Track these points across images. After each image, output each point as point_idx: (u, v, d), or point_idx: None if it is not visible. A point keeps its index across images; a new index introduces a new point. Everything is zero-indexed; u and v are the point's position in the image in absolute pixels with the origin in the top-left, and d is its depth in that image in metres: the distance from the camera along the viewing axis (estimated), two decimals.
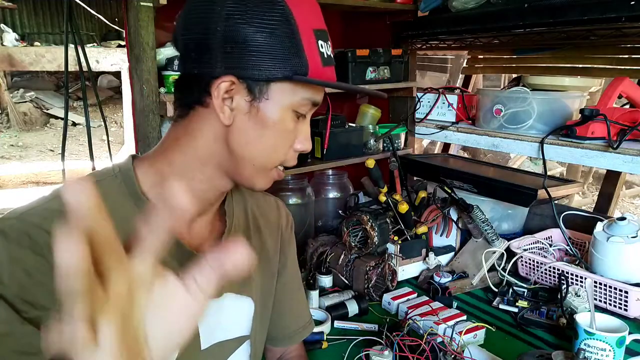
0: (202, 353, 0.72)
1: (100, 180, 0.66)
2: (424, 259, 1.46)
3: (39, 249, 0.56)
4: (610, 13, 1.25)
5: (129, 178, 0.67)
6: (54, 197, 0.61)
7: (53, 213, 0.59)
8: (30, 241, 0.56)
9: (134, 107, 1.34)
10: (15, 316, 0.54)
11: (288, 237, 0.90)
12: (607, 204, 1.83)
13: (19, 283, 0.55)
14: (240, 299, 0.78)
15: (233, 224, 0.78)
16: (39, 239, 0.57)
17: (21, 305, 0.54)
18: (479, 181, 1.60)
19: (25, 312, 0.54)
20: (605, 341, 0.93)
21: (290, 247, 0.91)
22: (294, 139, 0.69)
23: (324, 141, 1.68)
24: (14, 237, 0.56)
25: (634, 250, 1.24)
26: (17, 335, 0.54)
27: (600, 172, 4.60)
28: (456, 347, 1.04)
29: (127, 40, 1.32)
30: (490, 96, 1.74)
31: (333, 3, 1.62)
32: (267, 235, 0.85)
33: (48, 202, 0.61)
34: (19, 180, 5.63)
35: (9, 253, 0.56)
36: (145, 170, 0.69)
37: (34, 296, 0.55)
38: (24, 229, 0.57)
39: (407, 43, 1.92)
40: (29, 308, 0.55)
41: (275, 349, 0.93)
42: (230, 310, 0.76)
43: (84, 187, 0.30)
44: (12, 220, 0.58)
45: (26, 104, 8.08)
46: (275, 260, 0.87)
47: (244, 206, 0.83)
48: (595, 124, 1.41)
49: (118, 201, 0.66)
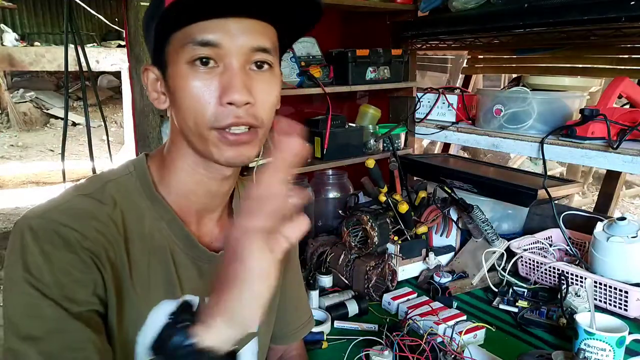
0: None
1: (116, 179, 0.67)
2: (424, 259, 1.46)
3: (69, 246, 0.57)
4: (609, 13, 1.25)
5: (144, 176, 0.69)
6: (75, 195, 0.63)
7: (77, 211, 0.61)
8: (60, 240, 0.57)
9: (134, 107, 1.34)
10: (64, 313, 0.55)
11: None
12: (607, 204, 1.83)
13: (57, 280, 0.56)
14: None
15: None
16: (70, 237, 0.58)
17: (65, 302, 0.56)
18: (479, 181, 1.60)
19: (70, 308, 0.56)
20: (605, 341, 0.93)
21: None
22: (213, 93, 0.61)
23: (324, 141, 1.68)
24: (45, 237, 0.57)
25: (634, 250, 1.24)
26: (66, 331, 0.55)
27: (600, 172, 4.60)
28: (456, 347, 1.04)
29: (127, 40, 1.32)
30: (490, 96, 1.74)
31: (333, 3, 1.62)
32: None
33: (70, 200, 0.63)
34: (19, 180, 5.63)
35: (43, 252, 0.56)
36: (157, 166, 0.70)
37: (74, 293, 0.57)
38: (52, 227, 0.58)
39: (407, 43, 1.92)
40: (72, 304, 0.56)
41: (277, 347, 0.93)
42: None
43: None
44: (39, 220, 0.58)
45: (26, 104, 8.08)
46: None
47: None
48: (595, 124, 1.41)
49: (134, 199, 0.67)
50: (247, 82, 0.61)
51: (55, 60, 5.31)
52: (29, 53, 5.29)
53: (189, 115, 0.62)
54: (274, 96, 0.65)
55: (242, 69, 0.61)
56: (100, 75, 8.51)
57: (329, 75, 1.68)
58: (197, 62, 0.60)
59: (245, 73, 0.61)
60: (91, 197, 0.63)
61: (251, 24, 0.61)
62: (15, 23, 7.41)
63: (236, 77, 0.60)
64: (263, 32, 0.63)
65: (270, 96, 0.65)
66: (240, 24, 0.60)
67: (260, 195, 0.47)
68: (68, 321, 0.55)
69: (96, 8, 6.29)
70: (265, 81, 0.63)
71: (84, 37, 6.09)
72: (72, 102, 8.14)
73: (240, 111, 0.61)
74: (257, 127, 0.63)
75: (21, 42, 6.03)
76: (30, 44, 6.19)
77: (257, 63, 0.63)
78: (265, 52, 0.62)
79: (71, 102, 8.09)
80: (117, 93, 8.14)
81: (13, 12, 7.13)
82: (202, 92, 0.60)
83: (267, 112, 0.64)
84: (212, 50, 0.60)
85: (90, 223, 0.60)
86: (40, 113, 8.18)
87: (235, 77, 0.60)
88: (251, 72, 0.62)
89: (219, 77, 0.61)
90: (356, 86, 1.75)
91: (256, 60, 0.62)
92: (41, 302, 0.55)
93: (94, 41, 6.68)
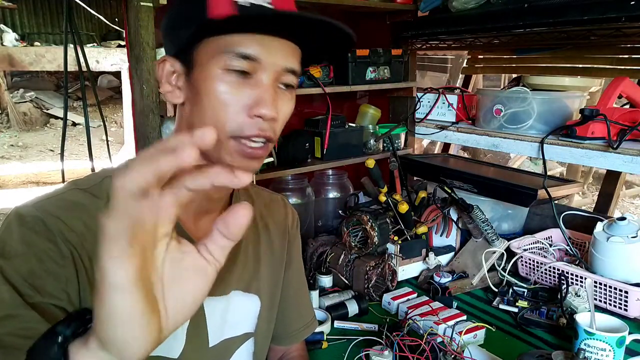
0: (209, 350, 0.73)
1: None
2: (424, 259, 1.46)
3: (52, 236, 0.58)
4: (610, 13, 1.25)
5: None
6: (70, 188, 0.64)
7: (68, 203, 0.62)
8: (45, 228, 0.58)
9: (134, 107, 1.34)
10: (20, 300, 0.55)
11: (294, 235, 0.91)
12: (607, 204, 1.83)
13: (29, 267, 0.56)
14: (247, 297, 0.79)
15: None
16: (53, 227, 0.59)
17: (27, 289, 0.56)
18: (479, 181, 1.60)
19: (30, 296, 0.55)
20: (605, 341, 0.93)
21: (295, 245, 0.92)
22: (243, 103, 0.61)
23: (324, 141, 1.68)
24: (30, 223, 0.58)
25: (634, 250, 1.24)
26: (19, 318, 0.54)
27: (600, 172, 4.60)
28: (456, 347, 1.04)
29: (127, 40, 1.32)
30: (490, 96, 1.74)
31: (333, 3, 1.62)
32: (274, 234, 0.86)
33: (64, 193, 0.64)
34: (19, 180, 5.63)
35: (23, 237, 0.58)
36: None
37: (42, 282, 0.57)
38: (40, 216, 0.59)
39: (407, 43, 1.92)
40: (35, 293, 0.56)
41: (278, 348, 0.93)
42: (237, 308, 0.77)
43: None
44: (29, 208, 0.60)
45: (26, 104, 8.08)
46: (282, 258, 0.87)
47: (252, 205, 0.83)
48: (595, 124, 1.42)
49: None
50: (275, 99, 0.63)
51: (55, 60, 5.30)
52: (29, 53, 5.29)
53: (211, 118, 0.62)
54: (290, 114, 0.68)
55: (273, 85, 0.63)
56: (100, 75, 8.51)
57: (329, 75, 1.68)
58: (233, 71, 0.61)
59: (274, 89, 0.63)
60: (87, 191, 0.64)
61: (286, 45, 0.63)
62: (15, 23, 7.40)
63: (268, 92, 0.62)
64: (294, 54, 0.65)
65: (288, 114, 0.68)
66: (277, 43, 0.62)
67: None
68: (22, 308, 0.54)
69: (96, 8, 6.29)
70: (287, 100, 0.66)
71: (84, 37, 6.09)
72: (72, 102, 8.14)
73: (265, 125, 0.62)
74: (271, 142, 0.65)
75: (21, 42, 6.02)
76: (30, 44, 6.18)
77: (285, 83, 0.65)
78: (294, 74, 0.65)
79: (71, 102, 8.09)
80: (117, 93, 8.14)
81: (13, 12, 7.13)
82: (230, 100, 0.62)
83: (282, 128, 0.68)
84: (250, 64, 0.61)
85: (80, 216, 0.61)
86: (40, 113, 8.18)
87: (267, 92, 0.62)
88: (279, 90, 0.65)
89: (250, 89, 0.62)
90: (356, 86, 1.75)
91: (286, 81, 0.65)
92: (1, 286, 0.55)
93: (94, 41, 6.67)
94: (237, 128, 0.62)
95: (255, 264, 0.81)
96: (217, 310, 0.74)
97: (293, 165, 1.64)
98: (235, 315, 0.77)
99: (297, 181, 1.67)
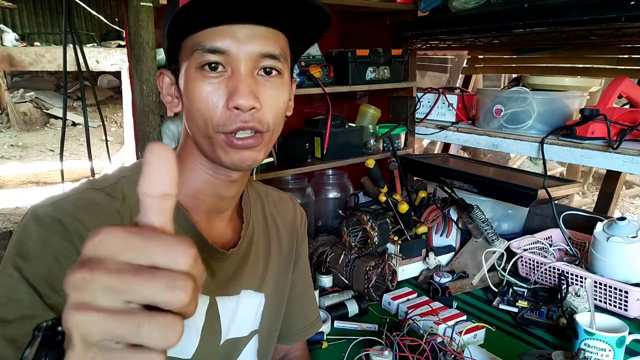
0: (219, 348, 0.74)
1: (129, 175, 0.68)
2: (424, 259, 1.46)
3: (69, 236, 0.58)
4: (610, 13, 1.25)
5: None
6: (87, 188, 0.64)
7: (85, 203, 0.61)
8: (62, 228, 0.58)
9: (134, 107, 1.34)
10: (39, 300, 0.55)
11: (302, 234, 0.92)
12: (607, 204, 1.83)
13: (47, 268, 0.56)
14: (256, 295, 0.79)
15: (251, 221, 0.79)
16: (70, 227, 0.58)
17: (46, 289, 0.56)
18: (479, 181, 1.60)
19: (48, 297, 0.55)
20: (605, 341, 0.93)
21: (302, 244, 0.92)
22: (221, 97, 0.61)
23: (324, 141, 1.68)
24: (47, 223, 0.58)
25: (634, 250, 1.24)
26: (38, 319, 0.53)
27: (600, 172, 4.60)
28: (456, 347, 1.04)
29: (127, 40, 1.32)
30: (490, 96, 1.74)
31: (333, 3, 1.62)
32: (284, 234, 0.86)
33: (81, 192, 0.63)
34: (19, 180, 5.63)
35: (41, 237, 0.57)
36: None
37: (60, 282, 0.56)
38: (57, 216, 0.59)
39: (407, 43, 1.92)
40: (53, 293, 0.56)
41: (280, 347, 0.93)
42: (247, 307, 0.78)
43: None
44: (46, 207, 0.60)
45: (26, 104, 8.07)
46: (290, 258, 0.88)
47: (262, 205, 0.84)
48: (595, 124, 1.42)
49: None
50: (254, 88, 0.62)
51: (55, 60, 5.30)
52: (29, 53, 5.28)
53: (198, 118, 0.63)
54: (281, 102, 0.66)
55: (249, 74, 0.62)
56: (100, 75, 8.51)
57: (329, 75, 1.68)
58: (206, 67, 0.61)
59: (252, 78, 0.62)
60: (103, 191, 0.64)
61: (260, 31, 0.62)
62: (15, 23, 7.40)
63: (242, 82, 0.61)
64: (272, 38, 0.63)
65: (277, 102, 0.65)
66: (248, 31, 0.61)
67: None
68: (40, 309, 0.54)
69: (96, 8, 6.28)
70: (273, 87, 0.64)
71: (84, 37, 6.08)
72: (71, 102, 8.13)
73: (246, 116, 0.61)
74: (263, 132, 0.64)
75: (21, 42, 6.02)
76: (30, 44, 6.18)
77: (265, 69, 0.63)
78: (273, 58, 0.63)
79: (71, 102, 8.08)
80: (117, 93, 8.13)
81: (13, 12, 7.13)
82: (210, 96, 0.61)
83: (274, 117, 0.65)
84: (221, 57, 0.61)
85: (97, 216, 0.61)
86: (40, 113, 8.17)
87: (242, 82, 0.61)
88: (259, 77, 0.63)
89: (227, 82, 0.61)
90: (356, 86, 1.75)
91: (264, 66, 0.63)
92: (21, 287, 0.55)
93: (93, 41, 6.66)
94: (221, 123, 0.62)
95: (265, 262, 0.81)
96: (230, 309, 0.74)
97: (293, 165, 1.64)
98: (245, 314, 0.77)
99: (297, 181, 1.67)
